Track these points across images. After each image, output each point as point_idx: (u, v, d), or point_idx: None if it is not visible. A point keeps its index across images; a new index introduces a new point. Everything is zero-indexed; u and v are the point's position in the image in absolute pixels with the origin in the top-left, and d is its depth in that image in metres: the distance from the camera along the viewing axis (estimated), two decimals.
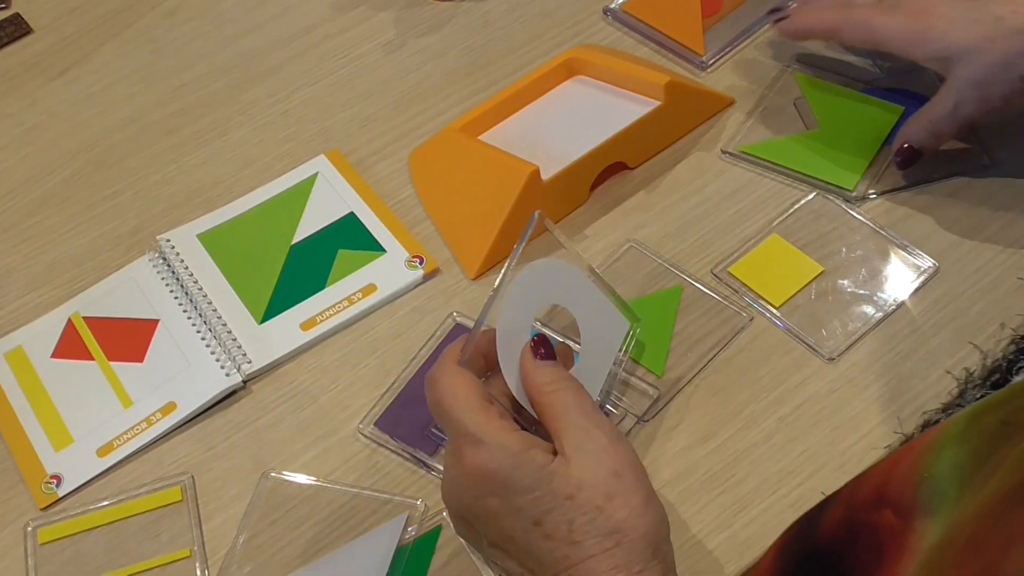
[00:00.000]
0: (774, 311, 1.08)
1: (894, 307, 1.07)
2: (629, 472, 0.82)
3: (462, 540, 0.90)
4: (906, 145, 1.11)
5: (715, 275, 1.10)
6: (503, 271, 0.90)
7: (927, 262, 1.09)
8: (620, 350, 1.00)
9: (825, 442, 1.00)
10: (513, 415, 0.87)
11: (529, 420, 0.88)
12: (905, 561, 0.62)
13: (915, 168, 1.12)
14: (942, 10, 1.04)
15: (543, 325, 1.06)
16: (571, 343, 1.04)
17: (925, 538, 0.60)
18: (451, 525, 0.96)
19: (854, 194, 1.13)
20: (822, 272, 1.10)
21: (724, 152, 1.19)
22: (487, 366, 0.89)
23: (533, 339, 0.89)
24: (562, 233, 1.01)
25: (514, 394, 0.88)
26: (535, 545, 0.80)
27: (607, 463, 0.81)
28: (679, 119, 1.21)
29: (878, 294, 1.08)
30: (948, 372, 1.01)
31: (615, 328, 0.99)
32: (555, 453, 0.82)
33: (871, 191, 1.14)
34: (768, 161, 1.17)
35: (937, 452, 0.63)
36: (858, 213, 1.13)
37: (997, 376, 1.00)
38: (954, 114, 1.06)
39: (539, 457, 0.81)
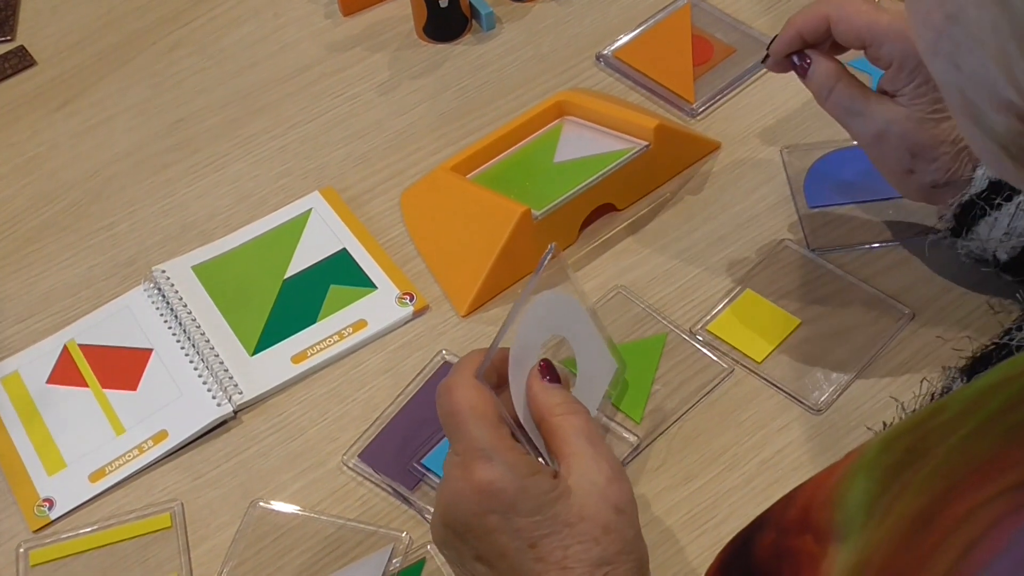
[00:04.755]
0: (756, 364, 1.09)
1: (872, 355, 1.08)
2: (628, 509, 0.83)
3: (440, 551, 0.90)
4: (807, 61, 1.04)
5: (695, 334, 1.12)
6: (522, 295, 0.91)
7: (903, 310, 1.10)
8: (608, 387, 1.02)
9: None
10: (517, 437, 0.88)
11: (529, 444, 0.89)
12: None
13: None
14: None
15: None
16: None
17: (836, 564, 0.62)
18: (432, 537, 0.97)
19: None
20: (799, 324, 1.11)
21: None
22: (497, 383, 0.90)
23: (540, 363, 0.90)
24: (572, 270, 1.03)
25: (519, 415, 0.88)
26: (525, 566, 0.81)
27: (611, 498, 0.82)
28: (667, 162, 1.23)
29: (856, 342, 1.09)
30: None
31: (605, 366, 1.01)
32: (556, 476, 0.84)
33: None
34: None
35: (851, 478, 0.65)
36: (832, 264, 1.14)
37: None
38: (849, 116, 1.03)
39: (545, 483, 0.82)
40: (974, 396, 0.63)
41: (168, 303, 1.18)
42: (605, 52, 1.36)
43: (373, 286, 1.18)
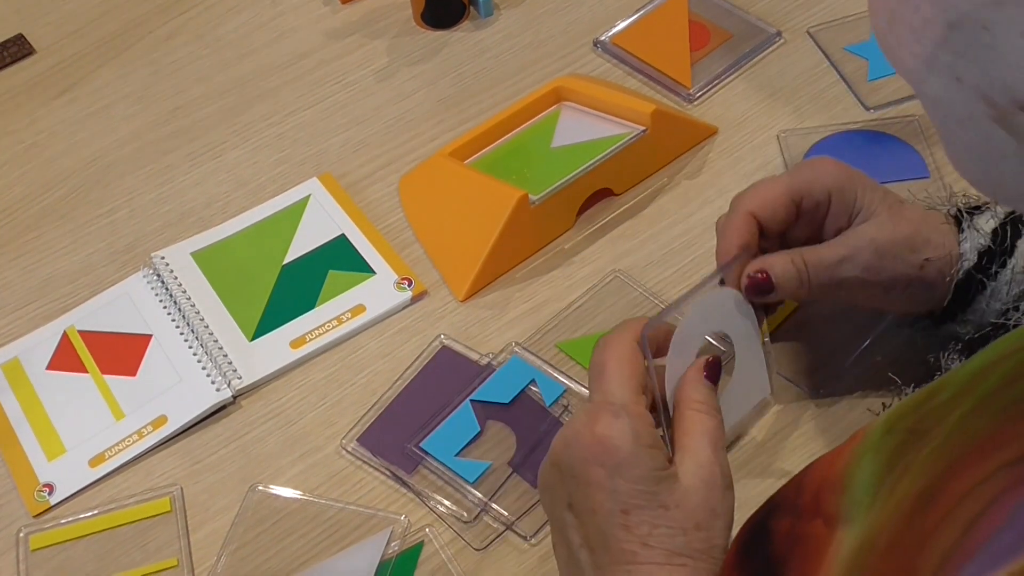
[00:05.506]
0: None
1: (870, 336, 1.08)
2: (724, 517, 0.82)
3: (540, 495, 0.89)
4: (763, 274, 0.96)
5: None
6: (708, 278, 0.94)
7: None
8: (752, 409, 1.01)
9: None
10: (655, 411, 0.88)
11: (665, 423, 0.88)
12: (824, 571, 0.64)
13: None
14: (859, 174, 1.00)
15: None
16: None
17: (843, 547, 0.62)
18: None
19: None
20: (796, 307, 1.11)
21: None
22: (654, 353, 0.89)
23: (710, 359, 0.90)
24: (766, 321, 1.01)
25: (666, 391, 0.88)
26: (611, 531, 0.80)
27: (711, 501, 0.81)
28: (664, 147, 1.23)
29: (852, 326, 1.09)
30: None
31: (758, 387, 1.00)
32: (670, 462, 0.83)
33: None
34: None
35: (857, 461, 0.65)
36: None
37: None
38: (836, 269, 0.96)
39: (659, 458, 0.81)
40: (970, 375, 0.64)
41: (167, 289, 1.18)
42: (603, 38, 1.36)
43: (371, 271, 1.18)
